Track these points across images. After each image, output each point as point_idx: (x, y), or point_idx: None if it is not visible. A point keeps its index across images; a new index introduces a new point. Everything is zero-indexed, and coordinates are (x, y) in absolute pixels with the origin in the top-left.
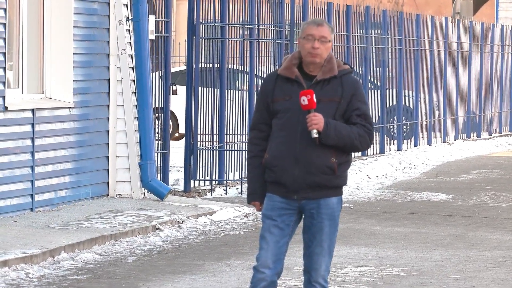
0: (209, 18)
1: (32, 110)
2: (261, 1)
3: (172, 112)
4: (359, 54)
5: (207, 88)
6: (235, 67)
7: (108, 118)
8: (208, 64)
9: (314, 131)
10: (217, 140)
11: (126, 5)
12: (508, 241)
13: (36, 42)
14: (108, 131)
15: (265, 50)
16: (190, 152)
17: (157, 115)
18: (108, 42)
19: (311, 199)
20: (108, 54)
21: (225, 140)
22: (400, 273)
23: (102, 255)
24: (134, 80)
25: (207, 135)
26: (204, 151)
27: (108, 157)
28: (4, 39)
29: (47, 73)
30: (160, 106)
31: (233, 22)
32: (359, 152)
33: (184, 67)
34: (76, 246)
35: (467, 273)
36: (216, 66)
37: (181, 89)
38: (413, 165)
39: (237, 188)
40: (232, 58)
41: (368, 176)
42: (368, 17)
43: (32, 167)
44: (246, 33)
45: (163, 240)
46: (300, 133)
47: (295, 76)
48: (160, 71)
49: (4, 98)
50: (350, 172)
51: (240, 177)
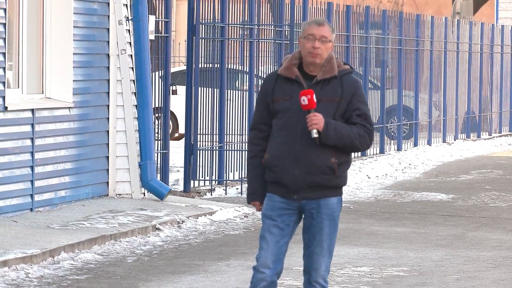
0: (209, 18)
1: (32, 110)
2: (261, 1)
3: (172, 112)
4: (359, 54)
5: (207, 88)
6: (235, 67)
7: (108, 118)
8: (208, 64)
9: (314, 131)
10: (217, 140)
11: (126, 5)
12: (508, 241)
13: (36, 42)
14: (108, 131)
15: (265, 50)
16: (190, 152)
17: (157, 115)
18: (108, 42)
19: (311, 199)
20: (108, 54)
21: (225, 140)
22: (400, 273)
23: (102, 255)
24: (134, 80)
25: (207, 135)
26: (204, 151)
27: (108, 157)
28: (4, 39)
29: (47, 73)
30: (160, 106)
31: (233, 22)
32: (359, 152)
33: (184, 67)
34: (76, 246)
35: (467, 273)
36: (216, 66)
37: (181, 89)
38: (413, 165)
39: (237, 188)
40: (232, 58)
41: (368, 176)
42: (368, 17)
43: (32, 167)
44: (246, 33)
45: (163, 240)
46: (300, 133)
47: (295, 76)
48: (160, 71)
49: (4, 98)
50: (350, 172)
51: (240, 177)
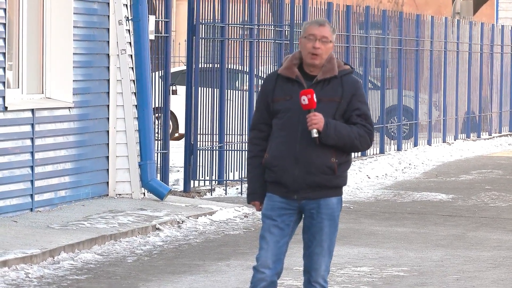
0: (209, 18)
1: (32, 110)
2: (261, 1)
3: (172, 112)
4: (359, 54)
5: (207, 88)
6: (235, 67)
7: (108, 118)
8: (208, 64)
9: (314, 130)
10: (217, 140)
11: (126, 5)
12: (508, 241)
13: (36, 42)
14: (108, 131)
15: (265, 50)
16: (190, 152)
17: (157, 115)
18: (108, 42)
19: (311, 199)
20: (108, 54)
21: (225, 140)
22: (400, 273)
23: (102, 255)
24: (134, 80)
25: (207, 135)
26: (204, 151)
27: (108, 157)
28: (4, 39)
29: (47, 73)
30: (160, 106)
31: (233, 22)
32: (359, 152)
33: (184, 67)
34: (76, 246)
35: (467, 273)
36: (216, 66)
37: (181, 89)
38: (413, 165)
39: (237, 188)
40: (232, 58)
41: (368, 176)
42: (368, 17)
43: (32, 167)
44: (246, 33)
45: (163, 240)
46: (301, 133)
47: (295, 76)
48: (160, 71)
49: (4, 98)
50: (350, 172)
51: (240, 177)
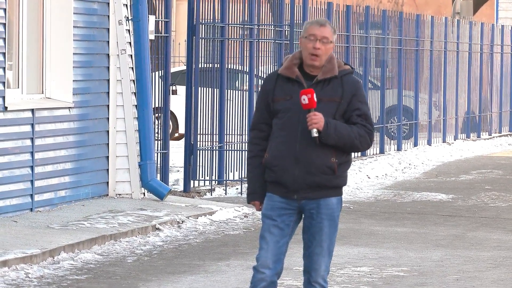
0: (209, 18)
1: (32, 110)
2: (261, 1)
3: (172, 112)
4: (359, 54)
5: (207, 88)
6: (235, 67)
7: (108, 118)
8: (208, 64)
9: (314, 130)
10: (217, 140)
11: (126, 5)
12: (508, 241)
13: (36, 42)
14: (108, 131)
15: (265, 50)
16: (190, 152)
17: (157, 115)
18: (108, 42)
19: (311, 199)
20: (108, 54)
21: (225, 140)
22: (400, 273)
23: (102, 255)
24: (134, 80)
25: (207, 135)
26: (204, 151)
27: (108, 157)
28: (4, 39)
29: (47, 73)
30: (160, 106)
31: (233, 22)
32: (359, 152)
33: (184, 67)
34: (75, 246)
35: (467, 273)
36: (216, 66)
37: (181, 89)
38: (413, 165)
39: (237, 188)
40: (232, 58)
41: (368, 176)
42: (368, 17)
43: (32, 167)
44: (246, 33)
45: (163, 240)
46: (301, 133)
47: (295, 76)
48: (160, 71)
49: (4, 98)
50: (350, 172)
51: (240, 177)
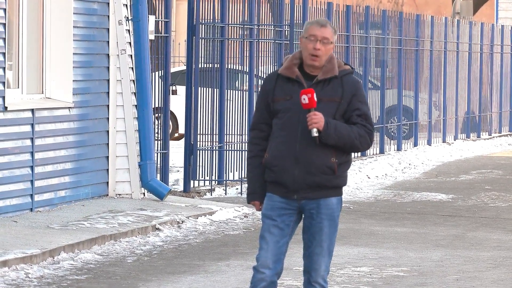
0: (209, 18)
1: (32, 110)
2: (261, 1)
3: (171, 112)
4: (359, 54)
5: (207, 88)
6: (235, 67)
7: (108, 118)
8: (208, 64)
9: (314, 130)
10: (217, 140)
11: (126, 5)
12: (508, 241)
13: (36, 42)
14: (108, 131)
15: (265, 50)
16: (190, 152)
17: (156, 115)
18: (108, 42)
19: (311, 199)
20: (108, 54)
21: (225, 140)
22: (400, 273)
23: (102, 255)
24: (133, 80)
25: (207, 135)
26: (203, 151)
27: (107, 157)
28: (4, 39)
29: (47, 73)
30: (160, 106)
31: (233, 22)
32: (359, 152)
33: (184, 67)
34: (75, 246)
35: (467, 273)
36: (216, 66)
37: (181, 89)
38: (413, 165)
39: (237, 188)
40: (232, 58)
41: (368, 176)
42: (368, 17)
43: (32, 167)
44: (246, 33)
45: (163, 240)
46: (300, 133)
47: (295, 76)
48: (160, 71)
49: (4, 98)
50: (350, 172)
51: (240, 177)
